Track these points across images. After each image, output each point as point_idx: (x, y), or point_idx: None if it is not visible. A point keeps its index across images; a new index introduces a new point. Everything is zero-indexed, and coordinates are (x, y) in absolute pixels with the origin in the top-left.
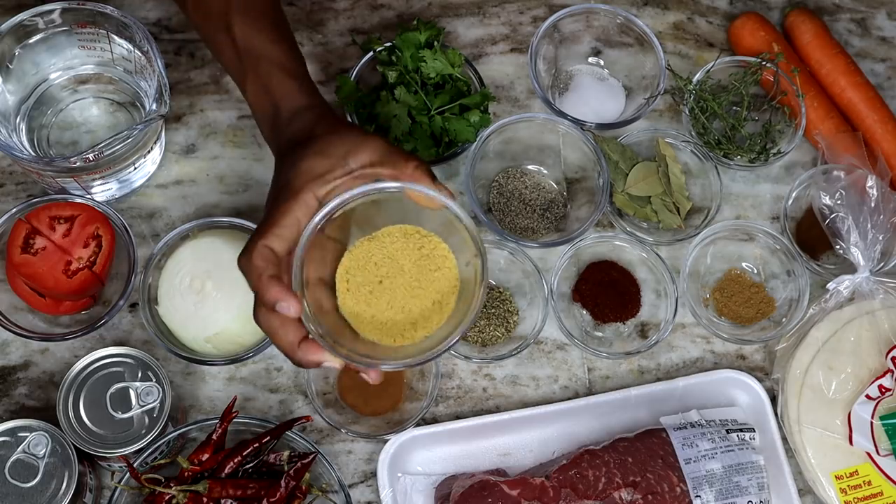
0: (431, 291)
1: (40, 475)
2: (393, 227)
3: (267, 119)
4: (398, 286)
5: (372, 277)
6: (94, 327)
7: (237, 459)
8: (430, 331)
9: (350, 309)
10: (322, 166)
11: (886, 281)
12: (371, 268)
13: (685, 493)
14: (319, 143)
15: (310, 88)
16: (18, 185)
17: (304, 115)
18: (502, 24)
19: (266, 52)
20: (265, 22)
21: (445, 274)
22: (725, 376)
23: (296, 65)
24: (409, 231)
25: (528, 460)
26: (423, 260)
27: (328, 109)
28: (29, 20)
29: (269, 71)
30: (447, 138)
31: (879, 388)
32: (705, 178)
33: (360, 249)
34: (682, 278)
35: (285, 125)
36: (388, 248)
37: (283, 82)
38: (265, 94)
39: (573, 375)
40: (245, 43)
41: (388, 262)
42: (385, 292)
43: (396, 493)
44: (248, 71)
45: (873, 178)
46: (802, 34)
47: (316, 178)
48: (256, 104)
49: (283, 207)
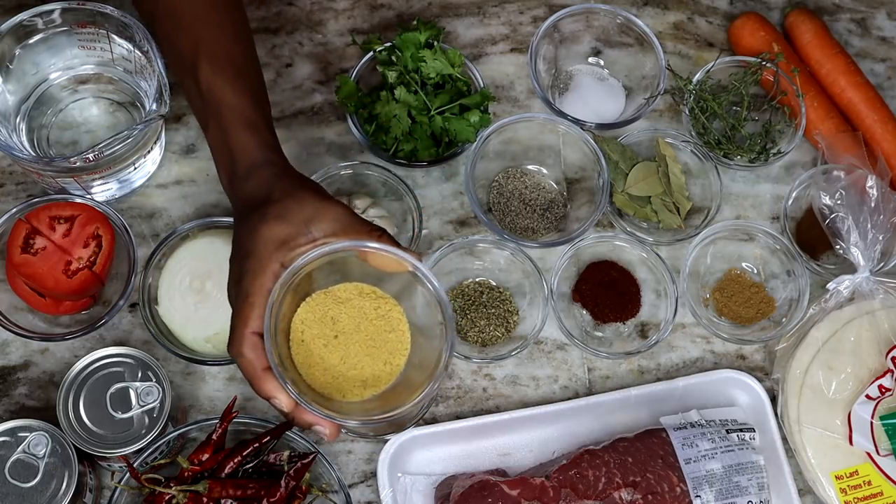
0: (384, 352)
1: (40, 475)
2: (349, 284)
3: (225, 172)
4: (353, 343)
5: (328, 331)
6: (94, 327)
7: (237, 459)
8: (378, 390)
9: (303, 359)
10: (284, 233)
11: (886, 281)
12: (328, 322)
13: (685, 493)
14: (279, 206)
15: (269, 143)
16: (18, 185)
17: (260, 172)
18: (502, 24)
19: (227, 102)
20: (231, 71)
21: (398, 336)
22: (725, 376)
23: (258, 117)
24: (364, 290)
25: (528, 460)
26: (378, 320)
27: (287, 167)
28: (29, 20)
29: (229, 122)
30: (447, 138)
31: (879, 388)
32: (705, 178)
33: (317, 301)
34: (682, 278)
35: (242, 180)
36: (345, 304)
37: (241, 135)
38: (224, 146)
39: (573, 375)
40: (208, 90)
41: (345, 318)
42: (340, 347)
43: (396, 493)
44: (209, 118)
45: (873, 178)
46: (802, 34)
47: (280, 245)
48: (216, 155)
49: (255, 285)
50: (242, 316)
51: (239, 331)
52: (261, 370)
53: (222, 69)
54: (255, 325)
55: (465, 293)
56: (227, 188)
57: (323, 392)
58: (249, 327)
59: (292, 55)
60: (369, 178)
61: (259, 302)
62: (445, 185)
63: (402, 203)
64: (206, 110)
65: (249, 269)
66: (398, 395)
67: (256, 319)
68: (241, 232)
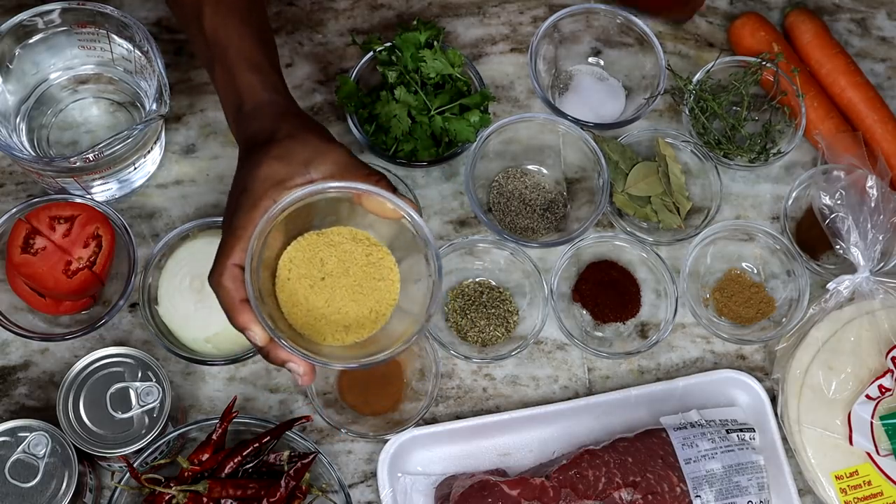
0: (371, 300)
1: (40, 475)
2: (343, 228)
3: (231, 112)
4: (340, 286)
5: (315, 272)
6: (94, 327)
7: (237, 459)
8: (361, 337)
9: (287, 297)
10: (282, 172)
11: (886, 281)
12: (316, 262)
13: (685, 493)
14: (280, 147)
15: (275, 84)
16: (18, 185)
17: (266, 111)
18: (502, 24)
19: (233, 44)
20: (235, 14)
21: (387, 286)
22: (725, 376)
23: (263, 59)
24: (359, 235)
25: (528, 460)
26: (368, 267)
27: (291, 107)
28: (29, 20)
29: (235, 63)
30: (447, 138)
31: (879, 388)
32: (705, 178)
33: (308, 242)
34: (682, 278)
35: (247, 120)
36: (336, 248)
37: (246, 75)
38: (230, 86)
39: (573, 375)
40: (213, 34)
41: (335, 261)
42: (325, 290)
43: (396, 493)
44: (215, 62)
45: (873, 178)
46: (802, 34)
47: (276, 184)
48: (222, 96)
49: (244, 220)
50: (227, 247)
51: (221, 261)
52: (238, 301)
53: (227, 13)
54: (239, 257)
55: (465, 293)
56: (232, 128)
57: (303, 332)
58: (232, 259)
59: (292, 55)
60: None
61: (246, 235)
62: (445, 185)
63: None
64: (212, 54)
65: (242, 205)
66: (378, 344)
67: (240, 252)
68: (242, 170)
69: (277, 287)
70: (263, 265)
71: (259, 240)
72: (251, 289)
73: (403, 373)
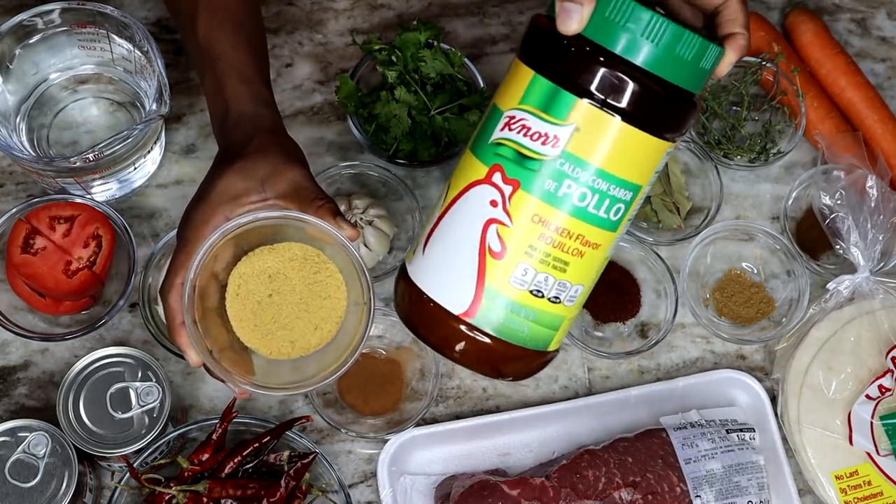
0: (315, 317)
1: (40, 475)
2: (295, 245)
3: (216, 121)
4: (286, 304)
5: (263, 289)
6: (94, 327)
7: (237, 459)
8: (307, 352)
9: (235, 313)
10: (239, 187)
11: (886, 281)
12: (264, 279)
13: (685, 493)
14: (246, 160)
15: (261, 97)
16: (18, 185)
17: (247, 124)
18: (502, 24)
19: (225, 54)
20: (229, 24)
21: (333, 304)
22: (725, 376)
23: (253, 70)
24: (309, 253)
25: (528, 460)
26: (315, 286)
27: (272, 122)
28: (29, 20)
29: (225, 73)
30: (447, 138)
31: (879, 388)
32: (705, 178)
33: (259, 258)
34: (682, 278)
35: (229, 130)
36: (285, 265)
37: (235, 86)
38: (218, 95)
39: (573, 375)
40: (206, 42)
41: (282, 278)
42: (272, 307)
43: (396, 493)
44: (206, 70)
45: (873, 178)
46: (802, 34)
47: (231, 199)
48: (210, 104)
49: (196, 236)
50: (177, 265)
51: (169, 279)
52: (179, 323)
53: (221, 21)
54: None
55: None
56: (216, 136)
57: (250, 346)
58: (180, 277)
59: (292, 55)
60: (369, 178)
61: (194, 251)
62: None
63: (402, 203)
64: (204, 61)
65: (195, 218)
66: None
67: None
68: (207, 176)
69: (228, 302)
70: (213, 277)
71: (196, 271)
72: (188, 317)
73: (403, 373)
